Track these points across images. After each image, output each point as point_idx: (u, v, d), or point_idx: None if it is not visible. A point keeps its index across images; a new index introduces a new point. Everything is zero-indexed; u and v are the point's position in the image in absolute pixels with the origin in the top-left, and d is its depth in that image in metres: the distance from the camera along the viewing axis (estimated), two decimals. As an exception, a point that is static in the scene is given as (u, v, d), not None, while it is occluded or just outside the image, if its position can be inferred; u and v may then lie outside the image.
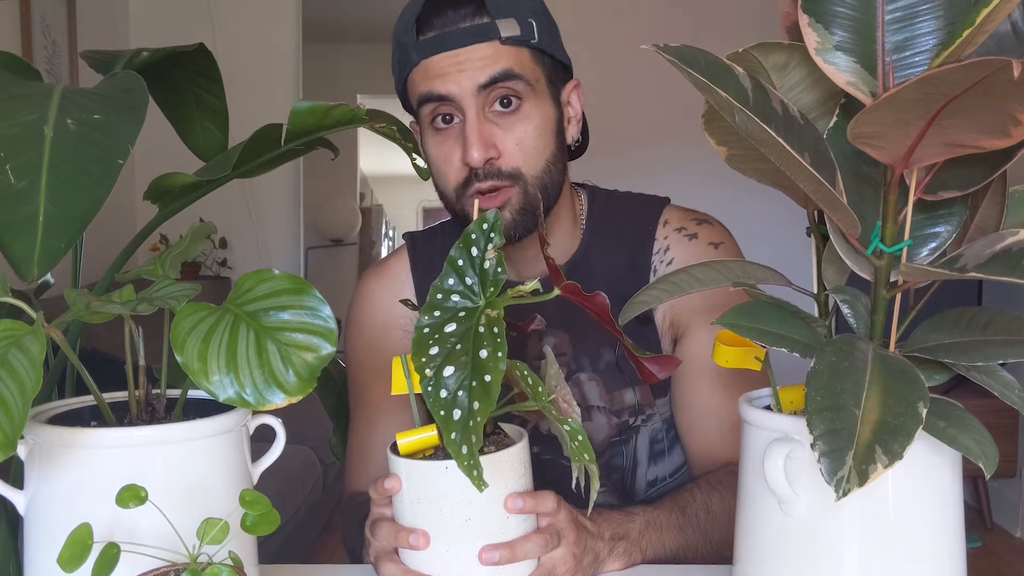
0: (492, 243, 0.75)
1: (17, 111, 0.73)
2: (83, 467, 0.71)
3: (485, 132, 1.05)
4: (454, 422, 0.68)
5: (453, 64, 1.05)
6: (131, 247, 0.98)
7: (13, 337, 0.66)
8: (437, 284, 0.76)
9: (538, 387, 0.78)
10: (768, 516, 0.74)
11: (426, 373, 0.70)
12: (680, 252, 1.16)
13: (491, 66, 1.05)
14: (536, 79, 1.09)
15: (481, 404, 0.68)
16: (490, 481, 0.74)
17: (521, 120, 1.07)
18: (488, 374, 0.69)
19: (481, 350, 0.70)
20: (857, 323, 0.75)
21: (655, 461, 1.18)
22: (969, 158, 0.68)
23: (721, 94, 0.64)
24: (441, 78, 1.06)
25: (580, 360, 1.16)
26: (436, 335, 0.72)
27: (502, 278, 0.75)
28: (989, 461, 0.65)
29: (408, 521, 0.81)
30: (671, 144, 3.71)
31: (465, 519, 0.77)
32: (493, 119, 1.07)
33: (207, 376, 0.67)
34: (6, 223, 0.68)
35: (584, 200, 1.23)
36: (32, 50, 2.95)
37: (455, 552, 0.78)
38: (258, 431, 0.81)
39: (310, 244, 5.17)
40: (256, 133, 0.91)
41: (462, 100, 1.05)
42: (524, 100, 1.07)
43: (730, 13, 3.73)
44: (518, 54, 1.07)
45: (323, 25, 5.18)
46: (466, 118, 1.06)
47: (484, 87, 1.05)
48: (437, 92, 1.06)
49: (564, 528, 0.87)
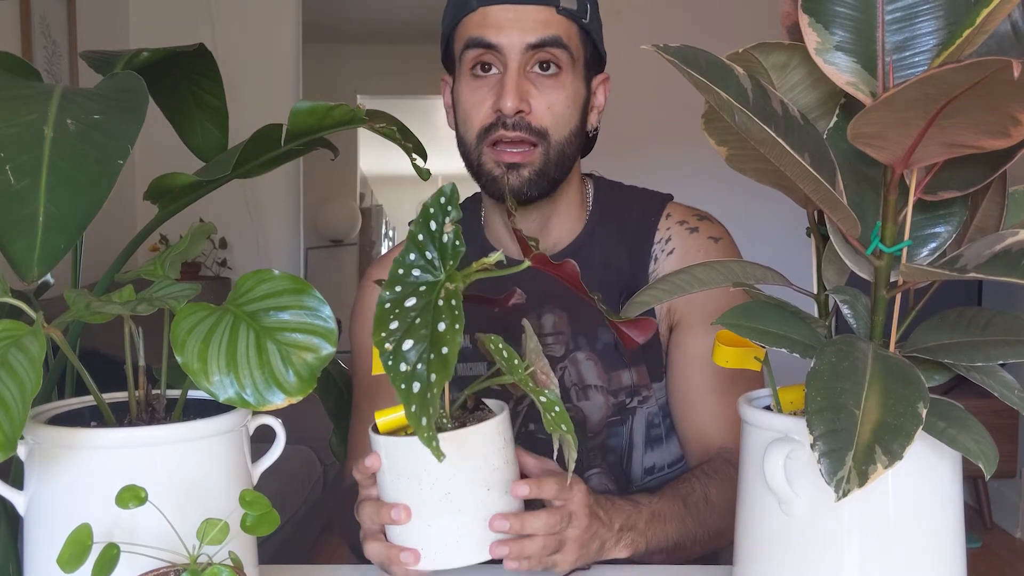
0: (449, 217, 0.76)
1: (17, 111, 0.73)
2: (83, 467, 0.71)
3: (523, 86, 1.11)
4: (414, 395, 0.69)
5: (510, 19, 1.11)
6: (131, 247, 0.98)
7: (13, 337, 0.66)
8: (399, 259, 0.76)
9: (514, 360, 0.79)
10: (768, 516, 0.74)
11: (386, 347, 0.70)
12: (681, 243, 1.20)
13: (544, 29, 1.11)
14: (578, 56, 1.14)
15: (438, 376, 0.68)
16: (467, 455, 0.75)
17: (557, 87, 1.12)
18: (445, 346, 0.69)
19: (440, 323, 0.71)
20: (857, 323, 0.75)
21: (651, 447, 1.20)
22: (969, 158, 0.68)
23: (721, 94, 0.64)
24: (495, 28, 1.11)
25: (578, 339, 1.18)
26: (396, 310, 0.73)
27: (460, 251, 0.75)
28: (989, 461, 0.65)
29: (390, 498, 0.81)
30: (671, 144, 3.71)
31: (444, 493, 0.78)
32: (532, 78, 1.12)
33: (207, 376, 0.67)
34: (6, 223, 0.68)
35: (591, 188, 1.27)
36: (32, 50, 2.95)
37: (436, 526, 0.79)
38: (258, 431, 0.81)
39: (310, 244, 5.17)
40: (256, 133, 0.91)
41: (509, 53, 1.11)
42: (563, 70, 1.12)
43: (730, 13, 3.73)
44: (569, 27, 1.13)
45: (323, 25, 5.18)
46: (507, 70, 1.11)
47: (533, 47, 1.11)
48: (488, 40, 1.11)
49: (577, 511, 0.89)
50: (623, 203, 1.25)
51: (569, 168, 1.17)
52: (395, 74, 6.26)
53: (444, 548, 0.79)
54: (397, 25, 5.86)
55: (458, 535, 0.79)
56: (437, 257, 0.76)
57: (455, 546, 0.79)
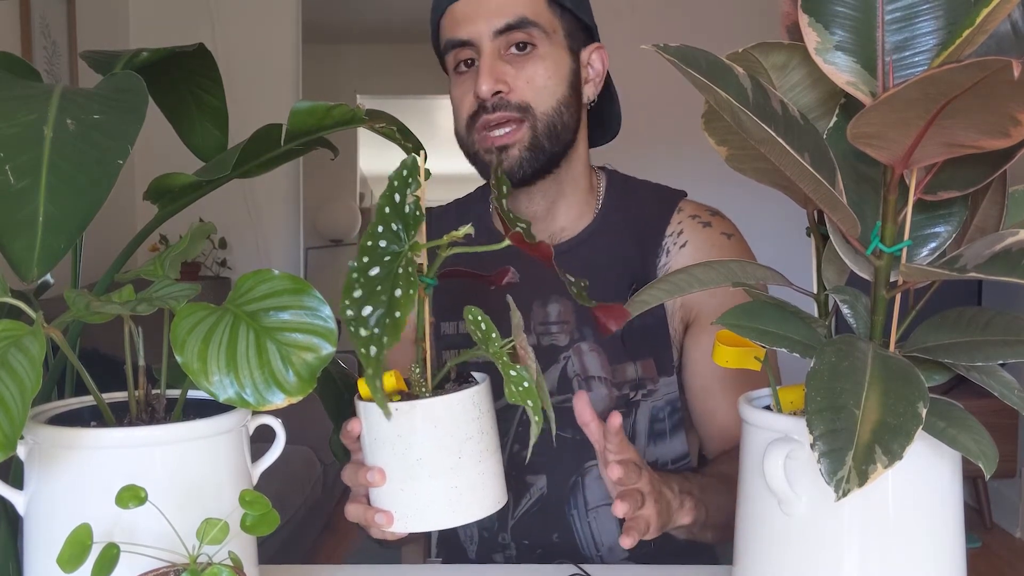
0: (410, 188, 0.77)
1: (17, 111, 0.73)
2: (83, 467, 0.71)
3: (497, 69, 1.12)
4: (371, 359, 0.70)
5: (473, 10, 1.14)
6: (131, 247, 0.98)
7: (13, 337, 0.66)
8: (368, 231, 0.78)
9: (491, 333, 0.80)
10: (768, 516, 0.74)
11: (348, 314, 0.72)
12: (693, 237, 1.20)
13: (507, 13, 1.13)
14: (553, 29, 1.15)
15: (389, 338, 0.71)
16: (438, 423, 0.78)
17: (533, 60, 1.14)
18: (399, 311, 0.72)
19: (396, 289, 0.73)
20: (857, 323, 0.75)
21: (655, 441, 1.20)
22: (969, 158, 0.68)
23: (721, 94, 0.64)
24: (463, 23, 1.14)
25: (583, 329, 1.18)
26: (361, 279, 0.74)
27: (420, 220, 0.77)
28: (989, 461, 0.65)
29: (370, 462, 0.83)
30: (671, 144, 3.71)
31: (416, 458, 0.79)
32: (507, 60, 1.14)
33: (207, 376, 0.67)
34: (6, 223, 0.68)
35: (603, 180, 1.27)
36: (32, 50, 2.95)
37: (409, 489, 0.80)
38: (258, 431, 0.81)
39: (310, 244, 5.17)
40: (256, 133, 0.90)
41: (479, 42, 1.13)
42: (539, 45, 1.14)
43: (730, 13, 3.73)
44: (534, 3, 1.14)
45: (323, 25, 5.19)
46: (481, 57, 1.13)
47: (500, 32, 1.12)
48: (458, 37, 1.14)
49: (646, 491, 0.91)
50: (635, 196, 1.26)
51: (567, 142, 1.17)
52: (395, 74, 6.26)
53: (416, 512, 0.81)
54: (397, 25, 5.86)
55: (429, 499, 0.80)
56: (402, 229, 0.77)
57: (425, 510, 0.81)
